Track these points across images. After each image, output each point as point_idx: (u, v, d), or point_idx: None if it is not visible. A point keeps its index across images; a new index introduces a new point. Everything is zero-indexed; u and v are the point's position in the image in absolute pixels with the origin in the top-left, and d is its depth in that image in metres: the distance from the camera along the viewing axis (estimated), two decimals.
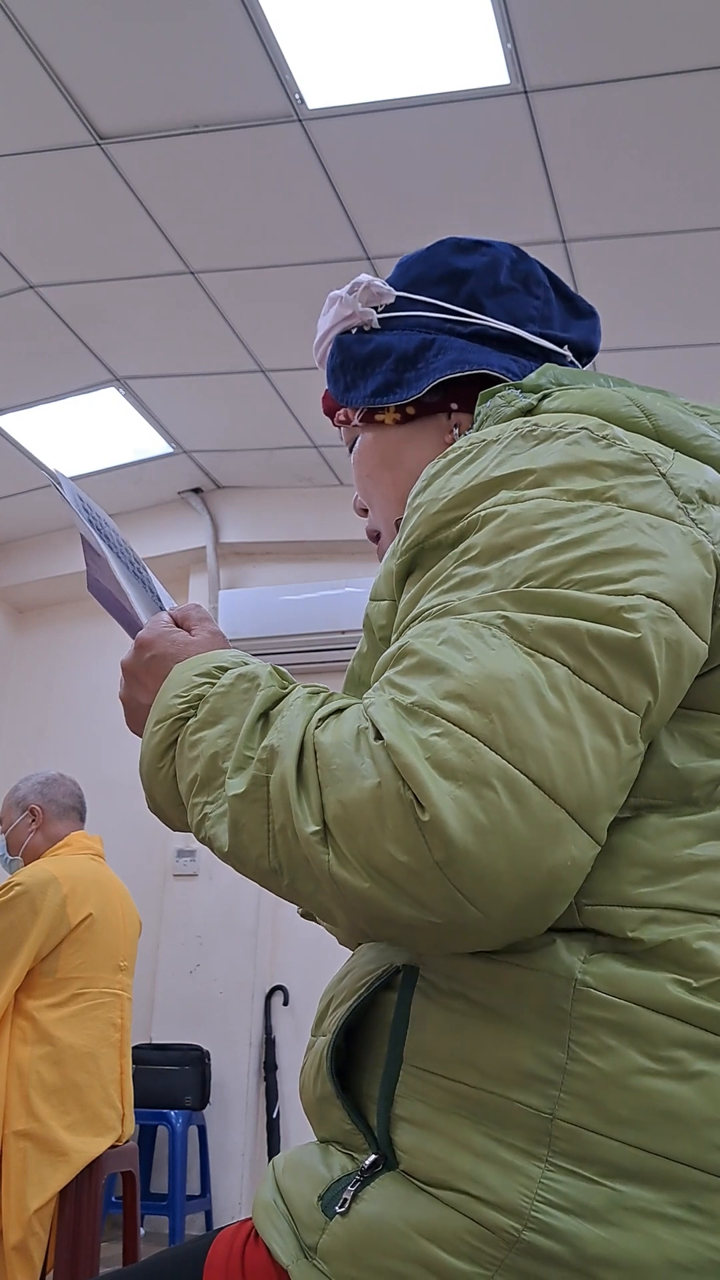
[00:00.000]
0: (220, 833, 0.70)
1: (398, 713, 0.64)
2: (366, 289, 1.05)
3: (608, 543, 0.69)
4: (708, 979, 0.65)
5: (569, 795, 0.62)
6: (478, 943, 0.65)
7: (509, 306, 1.04)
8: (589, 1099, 0.63)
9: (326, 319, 1.08)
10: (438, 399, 1.02)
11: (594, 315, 1.10)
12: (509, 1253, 0.61)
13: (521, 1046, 0.65)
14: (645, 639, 0.66)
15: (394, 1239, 0.64)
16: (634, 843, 0.69)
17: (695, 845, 0.69)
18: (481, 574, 0.70)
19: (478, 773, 0.61)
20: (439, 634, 0.67)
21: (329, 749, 0.66)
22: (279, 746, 0.68)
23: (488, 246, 1.06)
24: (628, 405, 0.79)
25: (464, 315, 1.03)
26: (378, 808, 0.62)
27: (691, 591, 0.70)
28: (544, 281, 1.07)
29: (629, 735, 0.65)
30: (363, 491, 1.08)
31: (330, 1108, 0.74)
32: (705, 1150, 0.62)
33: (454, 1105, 0.66)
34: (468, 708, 0.63)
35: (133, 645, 0.90)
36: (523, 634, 0.66)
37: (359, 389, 1.05)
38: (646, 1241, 0.61)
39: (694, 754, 0.72)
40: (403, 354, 1.02)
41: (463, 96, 3.10)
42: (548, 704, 0.63)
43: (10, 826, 2.86)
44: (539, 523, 0.70)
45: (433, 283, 1.05)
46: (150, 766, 0.79)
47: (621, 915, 0.67)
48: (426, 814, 0.60)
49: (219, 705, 0.75)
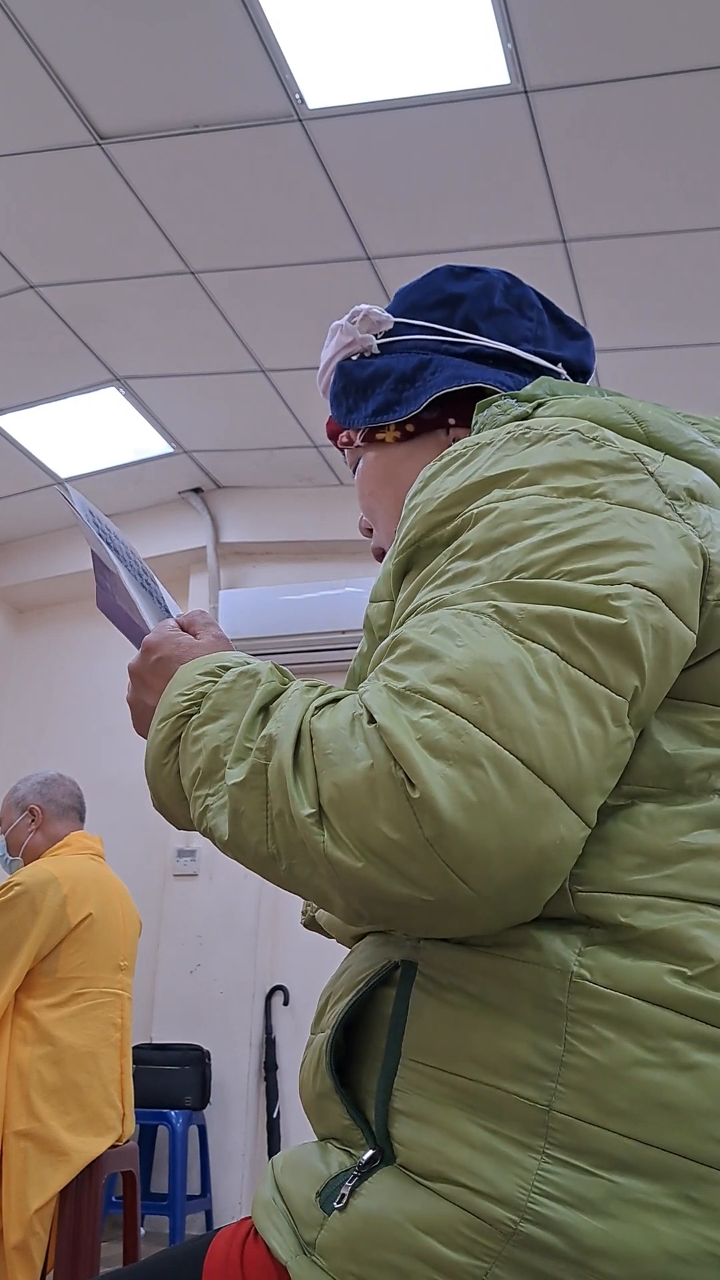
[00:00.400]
0: (221, 822, 0.71)
1: (390, 697, 0.66)
2: (366, 317, 1.10)
3: (596, 536, 0.71)
4: (702, 967, 0.66)
5: (557, 775, 0.63)
6: (470, 923, 0.65)
7: (503, 328, 1.08)
8: (585, 1091, 0.64)
9: (329, 349, 1.13)
10: (436, 415, 1.05)
11: (587, 336, 1.14)
12: (506, 1245, 0.62)
13: (518, 1039, 0.66)
14: (631, 625, 0.68)
15: (391, 1233, 0.65)
16: (628, 831, 0.70)
17: (688, 834, 0.70)
18: (474, 568, 0.72)
19: (467, 752, 0.62)
20: (431, 623, 0.69)
21: (324, 734, 0.68)
22: (277, 735, 0.70)
23: (481, 273, 1.11)
24: (620, 412, 0.82)
25: (459, 336, 1.07)
26: (370, 788, 0.63)
27: (678, 581, 0.72)
28: (537, 305, 1.11)
29: (616, 718, 0.67)
30: (366, 510, 1.11)
31: (329, 1104, 0.75)
32: (702, 1142, 0.62)
33: (451, 1098, 0.67)
34: (458, 690, 0.64)
35: (140, 649, 0.92)
36: (512, 621, 0.68)
37: (360, 410, 1.09)
38: (643, 1233, 0.61)
39: (686, 742, 0.74)
40: (401, 374, 1.06)
41: (463, 96, 3.10)
42: (536, 687, 0.65)
43: (10, 827, 2.86)
44: (530, 518, 0.72)
45: (429, 308, 1.10)
46: (155, 764, 0.80)
47: (615, 902, 0.68)
48: (417, 791, 0.62)
49: (221, 701, 0.77)
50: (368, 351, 1.10)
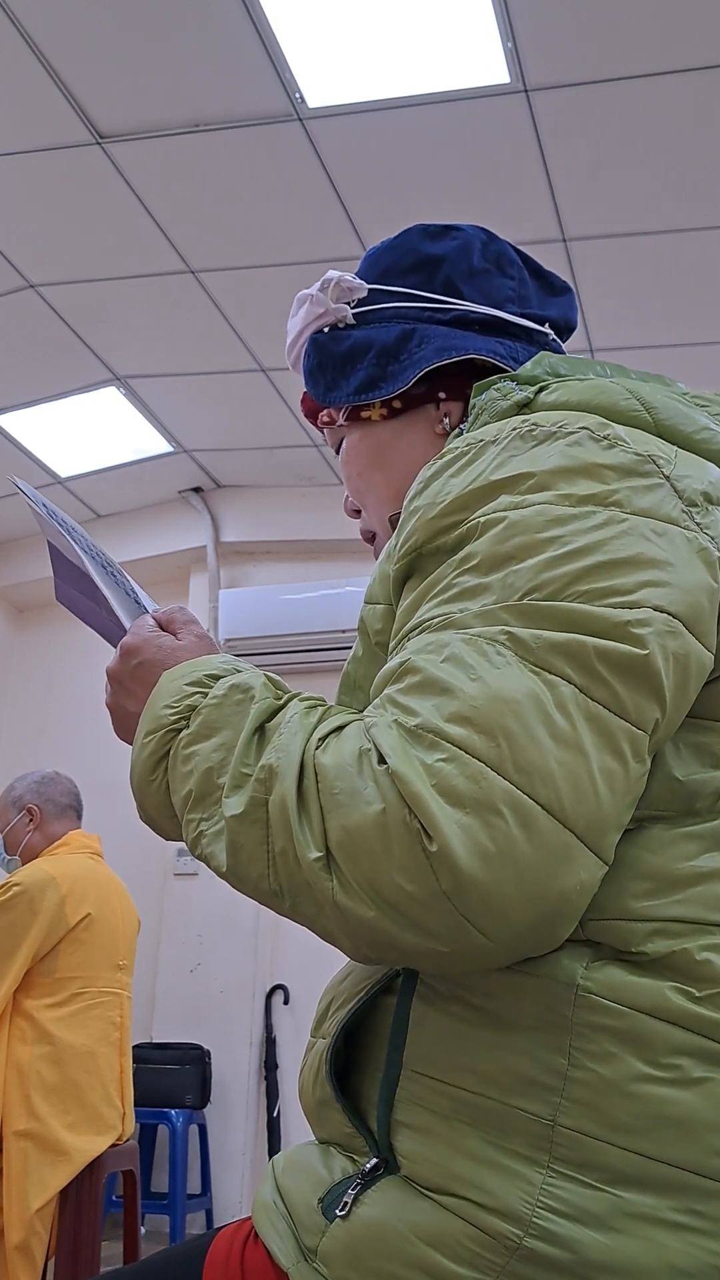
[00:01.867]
0: (218, 852, 0.69)
1: (401, 736, 0.63)
2: (337, 285, 1.02)
3: (612, 552, 0.67)
4: (710, 989, 0.64)
5: (578, 818, 0.61)
6: (482, 965, 0.64)
7: (485, 289, 1.01)
8: (590, 1105, 0.63)
9: (297, 320, 1.05)
10: (424, 389, 0.99)
11: (569, 291, 1.08)
12: (510, 1259, 0.61)
13: (522, 1052, 0.65)
14: (654, 655, 0.64)
15: (394, 1243, 0.64)
16: (637, 855, 0.68)
17: (697, 857, 0.68)
18: (483, 585, 0.68)
19: (485, 799, 0.59)
20: (441, 650, 0.66)
21: (330, 771, 0.64)
22: (278, 767, 0.67)
23: (457, 230, 1.04)
24: (627, 399, 0.78)
25: (442, 302, 1.00)
26: (383, 835, 0.60)
27: (698, 602, 0.68)
28: (516, 261, 1.04)
29: (637, 754, 0.64)
30: (354, 492, 1.05)
31: (330, 1111, 0.74)
32: (707, 1156, 0.62)
33: (454, 1111, 0.66)
34: (473, 731, 0.61)
35: (118, 651, 0.87)
36: (528, 651, 0.64)
37: (341, 388, 1.02)
38: (648, 1247, 0.61)
39: (698, 766, 0.71)
40: (384, 347, 0.99)
41: (463, 95, 3.10)
42: (555, 724, 0.62)
43: (8, 826, 2.86)
44: (541, 531, 0.68)
45: (405, 272, 1.02)
46: (142, 779, 0.77)
47: (626, 930, 0.66)
48: (434, 844, 0.59)
49: (212, 718, 0.73)
50: (342, 322, 1.02)
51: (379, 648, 0.80)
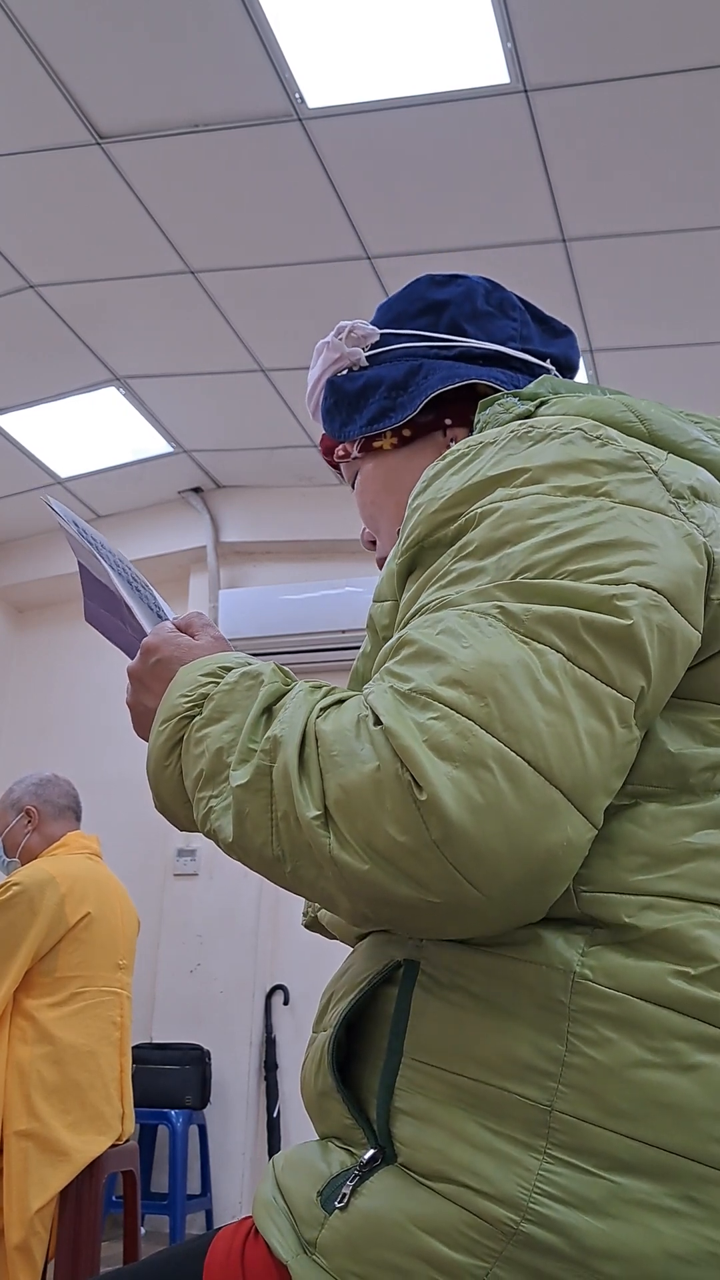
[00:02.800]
0: (225, 824, 0.71)
1: (395, 698, 0.66)
2: (351, 332, 1.10)
3: (601, 535, 0.71)
4: (705, 966, 0.65)
5: (564, 776, 0.63)
6: (477, 925, 0.65)
7: (489, 329, 1.08)
8: (587, 1091, 0.64)
9: (316, 368, 1.12)
10: (431, 417, 1.05)
11: (570, 334, 1.14)
12: (507, 1245, 0.62)
13: (520, 1039, 0.66)
14: (637, 625, 0.67)
15: (392, 1232, 0.65)
16: (632, 831, 0.70)
17: (692, 834, 0.70)
18: (478, 568, 0.72)
19: (474, 754, 0.62)
20: (437, 624, 0.69)
21: (330, 736, 0.67)
22: (282, 737, 0.70)
23: (462, 278, 1.11)
24: (623, 410, 0.81)
25: (448, 340, 1.07)
26: (377, 790, 0.63)
27: (683, 580, 0.71)
28: (519, 306, 1.11)
29: (623, 719, 0.67)
30: (368, 519, 1.11)
31: (331, 1103, 0.75)
32: (703, 1142, 0.62)
33: (453, 1098, 0.67)
34: (464, 692, 0.64)
35: (139, 650, 0.91)
36: (518, 622, 0.67)
37: (355, 422, 1.08)
38: (644, 1233, 0.61)
39: (690, 741, 0.73)
40: (393, 381, 1.06)
41: (463, 96, 3.10)
42: (542, 688, 0.64)
43: (6, 828, 2.87)
44: (534, 517, 0.72)
45: (414, 316, 1.10)
46: (157, 765, 0.80)
47: (619, 902, 0.68)
48: (424, 794, 0.62)
49: (224, 702, 0.76)
50: (356, 365, 1.10)
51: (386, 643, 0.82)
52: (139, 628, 0.99)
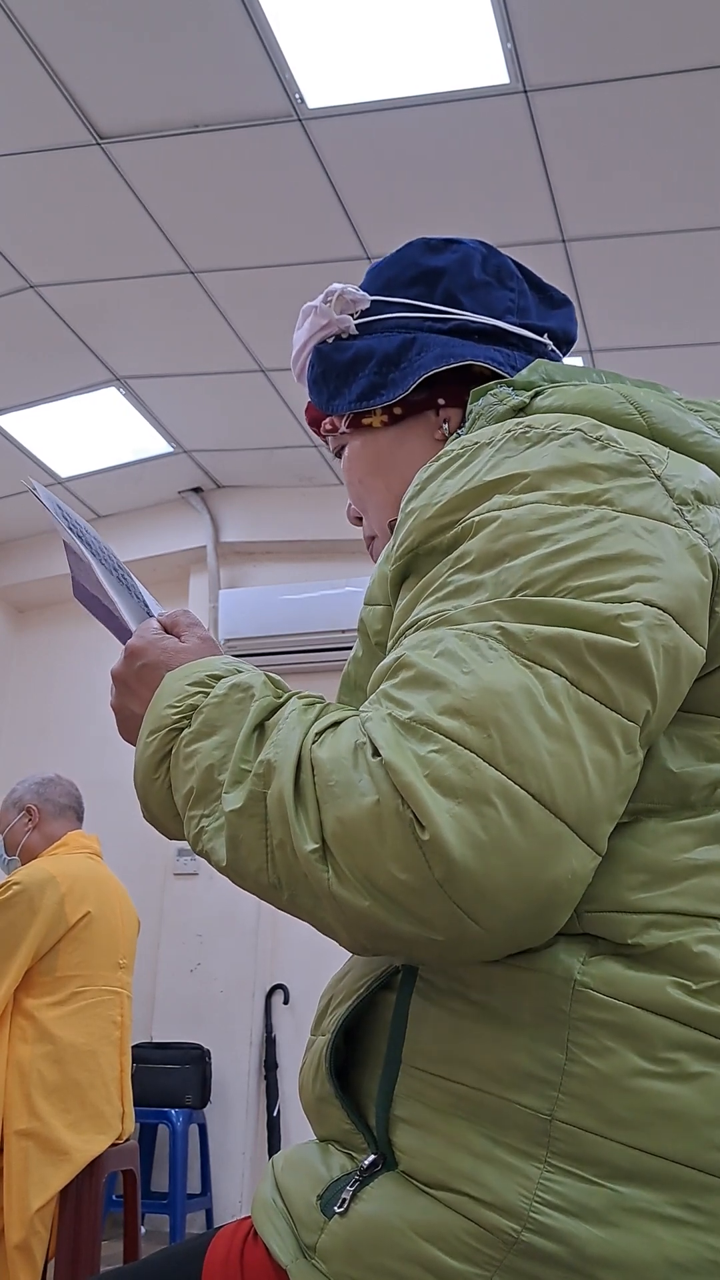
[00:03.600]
0: (218, 847, 0.70)
1: (395, 728, 0.64)
2: (340, 297, 1.04)
3: (603, 548, 0.68)
4: (707, 982, 0.65)
5: (569, 808, 0.61)
6: (479, 955, 0.64)
7: (485, 300, 1.03)
8: (588, 1100, 0.63)
9: (302, 332, 1.07)
10: (424, 396, 1.00)
11: (568, 305, 1.09)
12: (508, 1253, 0.62)
13: (520, 1047, 0.65)
14: (643, 648, 0.65)
15: (393, 1239, 0.64)
16: (632, 848, 0.69)
17: (693, 849, 0.69)
18: (476, 582, 0.69)
19: (477, 789, 0.60)
20: (435, 645, 0.67)
21: (326, 764, 0.65)
22: (276, 761, 0.68)
23: (458, 244, 1.06)
24: (621, 402, 0.79)
25: (442, 312, 1.02)
26: (377, 826, 0.61)
27: (688, 596, 0.69)
28: (516, 274, 1.06)
29: (628, 745, 0.65)
30: (356, 498, 1.07)
31: (329, 1108, 0.75)
32: (704, 1150, 0.62)
33: (453, 1106, 0.66)
34: (465, 723, 0.62)
35: (123, 653, 0.88)
36: (519, 645, 0.65)
37: (343, 395, 1.04)
38: (645, 1242, 0.61)
39: (692, 759, 0.72)
40: (385, 355, 1.01)
41: (462, 96, 3.10)
42: (546, 716, 0.63)
43: (7, 827, 2.88)
44: (534, 529, 0.70)
45: (406, 284, 1.05)
46: (145, 778, 0.78)
47: (622, 921, 0.67)
48: (427, 833, 0.60)
49: (213, 716, 0.74)
50: (345, 333, 1.04)
51: (378, 648, 0.81)
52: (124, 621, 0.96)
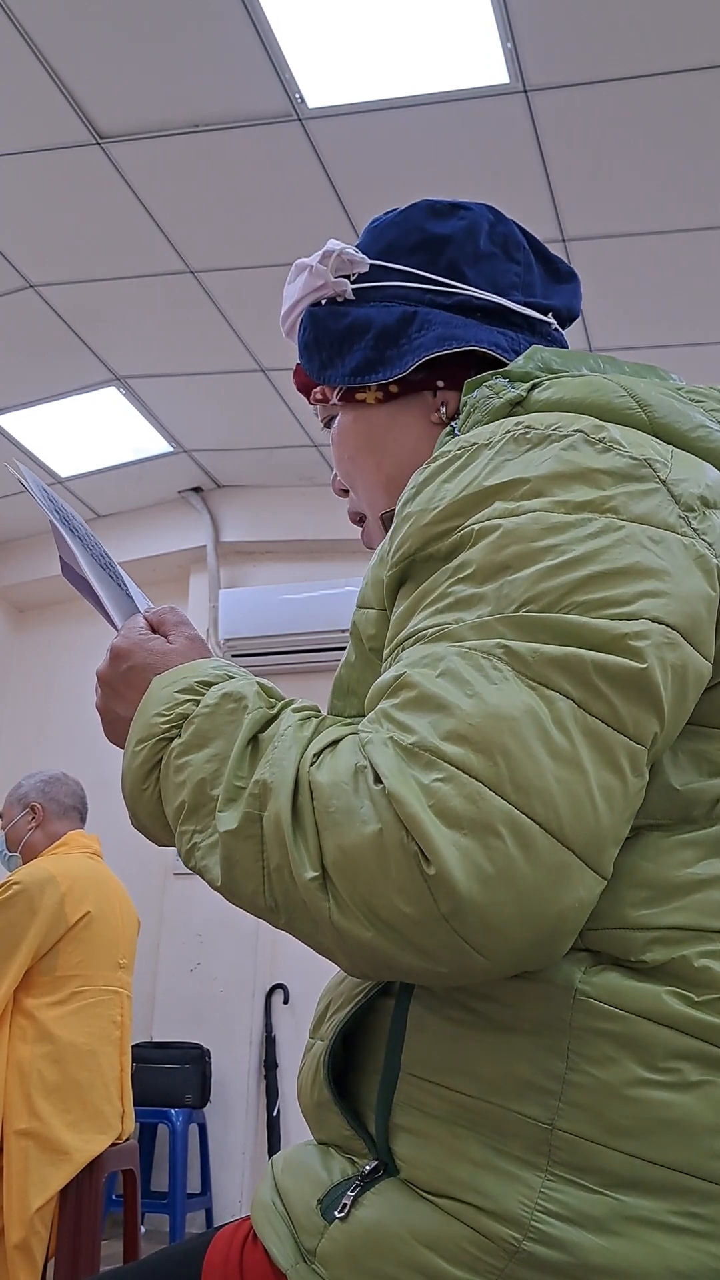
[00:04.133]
0: (212, 865, 0.68)
1: (398, 754, 0.62)
2: (338, 257, 0.99)
3: (610, 561, 0.66)
4: (709, 994, 0.64)
5: (576, 836, 0.60)
6: (480, 980, 0.64)
7: (490, 275, 0.98)
8: (589, 1109, 0.63)
9: (295, 287, 1.02)
10: (422, 376, 0.96)
11: (574, 278, 1.06)
12: (509, 1262, 0.61)
13: (521, 1056, 0.65)
14: (652, 669, 0.63)
15: (393, 1245, 0.64)
16: (635, 863, 0.67)
17: (695, 864, 0.68)
18: (478, 595, 0.67)
19: (483, 820, 0.59)
20: (437, 664, 0.64)
21: (326, 789, 0.63)
22: (272, 782, 0.66)
23: (465, 209, 1.01)
24: (621, 396, 0.76)
25: (446, 285, 0.97)
26: (380, 857, 0.60)
27: (695, 611, 0.67)
28: (523, 244, 1.02)
29: (635, 769, 0.63)
30: (344, 474, 1.03)
31: (328, 1113, 0.74)
32: (706, 1159, 0.62)
33: (453, 1115, 0.66)
34: (470, 750, 0.60)
35: (108, 654, 0.86)
36: (525, 665, 0.63)
37: (337, 366, 0.99)
38: (648, 1250, 0.61)
39: (695, 773, 0.71)
40: (383, 328, 0.96)
41: (462, 96, 3.10)
42: (553, 741, 0.61)
43: (10, 823, 2.88)
44: (537, 539, 0.67)
45: (409, 250, 0.99)
46: (134, 787, 0.76)
47: (625, 938, 0.66)
48: (433, 867, 0.58)
49: (204, 727, 0.72)
50: (341, 296, 0.99)
51: (372, 653, 0.80)
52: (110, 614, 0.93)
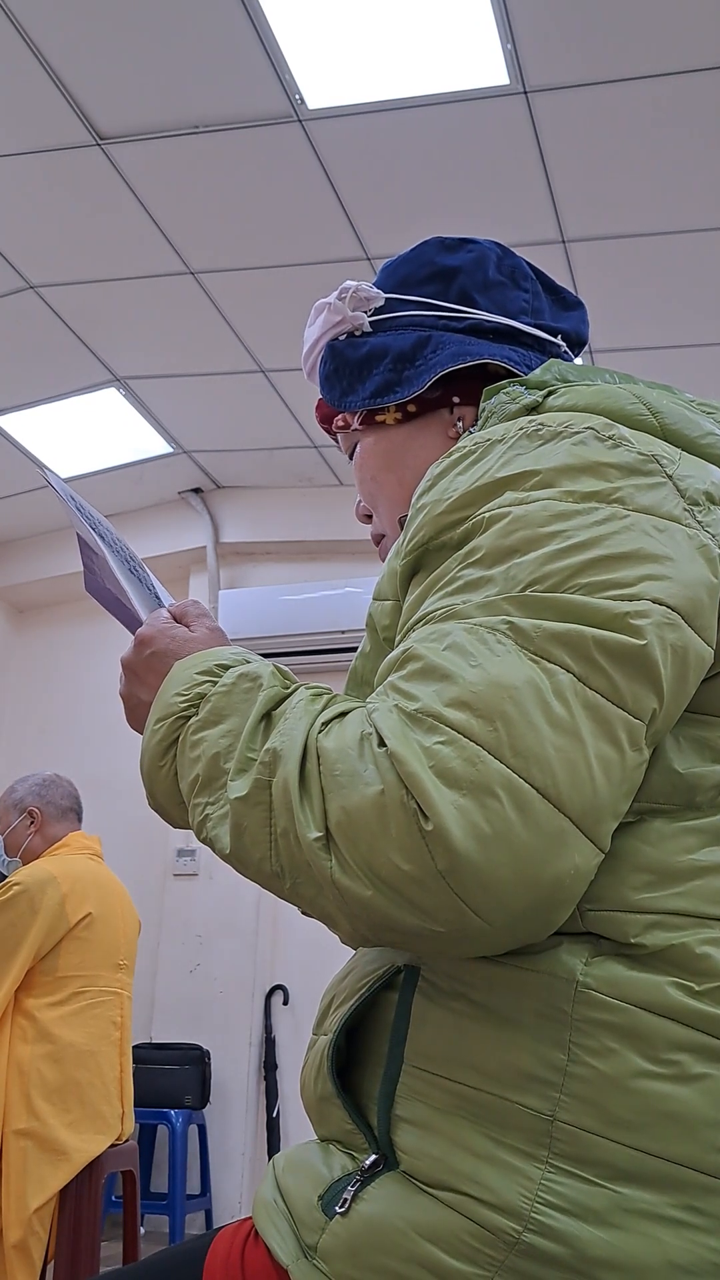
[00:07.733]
0: (222, 834, 0.70)
1: (401, 719, 0.64)
2: (355, 294, 1.04)
3: (614, 546, 0.68)
4: (710, 983, 0.65)
5: (573, 803, 0.61)
6: (480, 949, 0.65)
7: (500, 300, 1.03)
8: (589, 1101, 0.63)
9: (315, 328, 1.07)
10: (439, 394, 1.00)
11: (581, 307, 1.10)
12: (509, 1254, 0.62)
13: (522, 1048, 0.65)
14: (651, 645, 0.65)
15: (394, 1239, 0.64)
16: (636, 847, 0.69)
17: (698, 850, 0.69)
18: (486, 577, 0.69)
19: (482, 781, 0.60)
20: (443, 639, 0.67)
21: (332, 754, 0.65)
22: (281, 750, 0.68)
23: (473, 244, 1.06)
24: (634, 403, 0.79)
25: (457, 311, 1.02)
26: (381, 815, 0.61)
27: (697, 596, 0.69)
28: (530, 275, 1.07)
29: (634, 742, 0.65)
30: (366, 496, 1.07)
31: (331, 1107, 0.75)
32: (706, 1152, 0.62)
33: (454, 1106, 0.66)
34: (472, 715, 0.62)
35: (133, 641, 0.89)
36: (527, 640, 0.65)
37: (357, 392, 1.04)
38: (647, 1243, 0.61)
39: (698, 760, 0.72)
40: (400, 352, 1.01)
41: (463, 96, 3.10)
42: (552, 711, 0.62)
43: (8, 829, 2.87)
44: (544, 525, 0.70)
45: (421, 282, 1.04)
46: (151, 765, 0.78)
47: (624, 920, 0.67)
48: (430, 824, 0.60)
49: (221, 704, 0.74)
50: (359, 330, 1.04)
51: (386, 644, 0.81)
52: (135, 614, 0.96)
